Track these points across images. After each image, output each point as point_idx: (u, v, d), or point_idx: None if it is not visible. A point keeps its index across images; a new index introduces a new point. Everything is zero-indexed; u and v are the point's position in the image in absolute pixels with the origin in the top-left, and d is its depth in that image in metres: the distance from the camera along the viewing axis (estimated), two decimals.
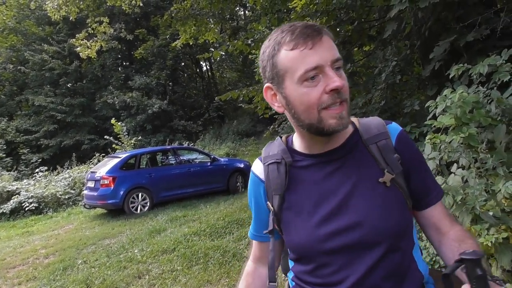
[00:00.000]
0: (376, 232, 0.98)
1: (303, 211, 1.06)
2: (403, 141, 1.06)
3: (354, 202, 1.00)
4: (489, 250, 2.44)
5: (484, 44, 3.55)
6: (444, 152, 2.83)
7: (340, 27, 5.78)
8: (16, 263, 6.31)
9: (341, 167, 1.04)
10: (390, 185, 1.00)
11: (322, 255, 1.03)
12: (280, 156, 1.10)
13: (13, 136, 20.54)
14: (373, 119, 1.09)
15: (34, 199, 11.62)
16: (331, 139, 1.03)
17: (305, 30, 0.93)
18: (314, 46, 0.91)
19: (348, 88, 0.95)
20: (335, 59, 0.93)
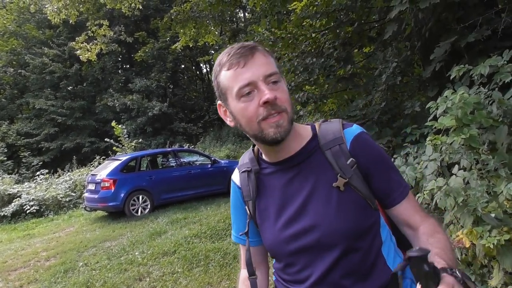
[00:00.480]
0: (330, 234, 1.04)
1: (270, 216, 1.14)
2: (358, 144, 1.08)
3: (311, 207, 1.06)
4: (491, 252, 2.43)
5: (485, 45, 3.54)
6: (445, 153, 2.82)
7: (340, 29, 5.78)
8: (17, 265, 6.30)
9: (299, 173, 1.09)
10: (345, 189, 1.04)
11: (287, 255, 1.12)
12: (249, 165, 1.19)
13: (14, 139, 20.55)
14: (332, 124, 1.13)
15: (35, 202, 11.63)
16: (283, 147, 1.08)
17: (238, 50, 1.00)
18: (246, 65, 0.99)
19: (287, 99, 1.01)
20: (268, 74, 0.99)
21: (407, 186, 1.11)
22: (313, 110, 7.15)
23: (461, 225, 2.61)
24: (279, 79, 1.01)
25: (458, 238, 2.63)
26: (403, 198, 1.09)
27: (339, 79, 5.60)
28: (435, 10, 3.89)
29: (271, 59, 1.04)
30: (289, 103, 1.02)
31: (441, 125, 2.59)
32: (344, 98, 6.48)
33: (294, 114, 1.09)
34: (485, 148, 2.60)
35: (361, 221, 1.05)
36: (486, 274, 2.78)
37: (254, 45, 1.03)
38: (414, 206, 1.11)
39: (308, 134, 1.13)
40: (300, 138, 1.11)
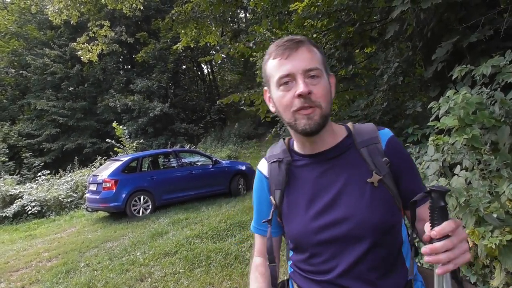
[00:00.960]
0: (361, 226, 1.08)
1: (300, 206, 1.17)
2: (392, 146, 1.15)
3: (343, 199, 1.11)
4: (493, 252, 2.42)
5: (488, 45, 3.54)
6: (447, 153, 2.82)
7: (342, 29, 5.77)
8: (19, 266, 6.31)
9: (333, 167, 1.15)
10: (378, 185, 1.10)
11: (314, 245, 1.14)
12: (281, 156, 1.23)
13: (15, 140, 20.59)
14: (367, 125, 1.20)
15: (37, 203, 11.64)
16: (318, 140, 1.14)
17: (286, 42, 1.08)
18: (289, 57, 1.06)
19: (323, 95, 1.06)
20: (307, 69, 1.05)
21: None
22: None
23: (463, 226, 2.61)
24: (320, 75, 1.07)
25: None
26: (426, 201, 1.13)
27: (341, 79, 5.59)
28: (437, 10, 3.89)
29: (316, 55, 1.09)
30: (325, 99, 1.07)
31: (443, 125, 2.59)
32: (346, 98, 6.47)
33: (330, 111, 1.11)
34: (487, 148, 2.59)
35: (389, 217, 1.10)
36: (488, 274, 2.77)
37: (302, 39, 1.09)
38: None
39: (343, 132, 1.19)
40: (335, 135, 1.17)
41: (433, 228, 0.83)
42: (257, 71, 10.51)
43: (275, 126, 7.92)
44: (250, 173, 11.01)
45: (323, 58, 1.12)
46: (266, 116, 6.56)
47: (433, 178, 2.91)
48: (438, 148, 2.91)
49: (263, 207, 1.30)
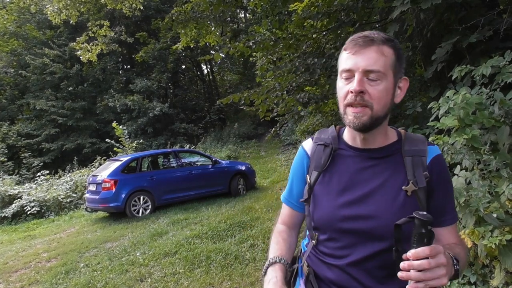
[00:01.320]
0: (386, 227, 1.11)
1: (333, 192, 1.23)
2: (436, 163, 1.18)
3: (375, 198, 1.16)
4: (492, 252, 2.43)
5: (487, 46, 3.54)
6: (447, 153, 2.82)
7: (342, 29, 5.77)
8: (18, 266, 6.30)
9: (376, 165, 1.20)
10: (411, 195, 1.14)
11: (336, 231, 1.20)
12: (329, 141, 1.29)
13: (14, 140, 20.56)
14: (418, 136, 1.24)
15: (36, 203, 11.62)
16: (369, 138, 1.19)
17: (359, 38, 1.12)
18: (356, 53, 1.11)
19: (378, 97, 1.09)
20: (368, 70, 1.09)
21: (457, 217, 1.25)
22: (314, 111, 7.15)
23: (463, 225, 2.61)
24: (381, 78, 1.09)
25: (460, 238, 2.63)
26: (452, 223, 1.22)
27: None
28: (437, 11, 3.89)
29: (384, 58, 1.10)
30: (380, 101, 1.10)
31: (443, 125, 2.60)
32: None
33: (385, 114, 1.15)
34: (487, 148, 2.60)
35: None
36: (488, 274, 2.78)
37: (375, 38, 1.11)
38: (455, 233, 1.23)
39: (394, 136, 1.24)
40: (387, 137, 1.22)
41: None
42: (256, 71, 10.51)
43: (274, 126, 7.93)
44: (250, 173, 11.02)
45: (397, 61, 1.14)
46: (266, 115, 6.56)
47: None
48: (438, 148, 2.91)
49: (297, 182, 1.36)
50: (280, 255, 1.25)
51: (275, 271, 1.18)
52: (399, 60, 1.14)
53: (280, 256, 1.24)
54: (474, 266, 2.81)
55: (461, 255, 1.11)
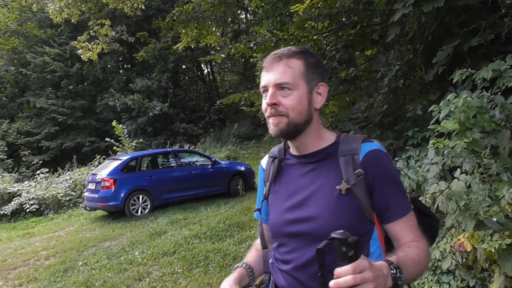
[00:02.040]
0: (322, 228, 1.14)
1: (280, 199, 1.30)
2: (369, 158, 1.19)
3: (314, 200, 1.20)
4: (492, 256, 2.43)
5: (488, 49, 3.55)
6: (447, 157, 2.83)
7: (342, 31, 5.78)
8: (17, 264, 6.30)
9: (314, 169, 1.24)
10: (346, 193, 1.16)
11: (283, 236, 1.27)
12: (277, 153, 1.37)
13: (14, 138, 20.53)
14: (356, 136, 1.27)
15: (35, 201, 11.61)
16: (299, 144, 1.26)
17: (270, 57, 1.22)
18: (268, 70, 1.21)
19: (292, 106, 1.18)
20: (277, 83, 1.18)
21: (409, 207, 1.21)
22: None
23: (463, 229, 2.62)
24: (292, 88, 1.18)
25: (460, 241, 2.63)
26: (401, 217, 1.18)
27: (341, 81, 5.59)
28: (438, 14, 3.90)
29: (292, 70, 1.19)
30: (294, 110, 1.18)
31: (443, 128, 2.60)
32: (346, 100, 6.47)
33: (304, 120, 1.21)
34: (487, 152, 2.60)
35: (351, 226, 1.12)
36: (487, 278, 2.78)
37: (282, 54, 1.21)
38: (411, 227, 1.20)
39: (331, 139, 1.27)
40: (322, 140, 1.27)
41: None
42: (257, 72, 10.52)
43: None
44: (249, 174, 11.01)
45: (307, 70, 1.21)
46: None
47: (433, 181, 2.91)
48: (438, 151, 2.92)
49: (259, 196, 1.46)
50: (245, 262, 1.38)
51: (233, 273, 1.31)
52: (310, 68, 1.21)
53: (245, 262, 1.38)
54: (473, 270, 2.81)
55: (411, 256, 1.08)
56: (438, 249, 3.04)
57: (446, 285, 3.04)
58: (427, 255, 1.16)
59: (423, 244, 1.17)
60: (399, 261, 1.02)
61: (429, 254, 1.18)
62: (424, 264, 1.14)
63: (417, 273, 1.10)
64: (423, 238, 1.20)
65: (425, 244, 1.18)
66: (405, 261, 1.04)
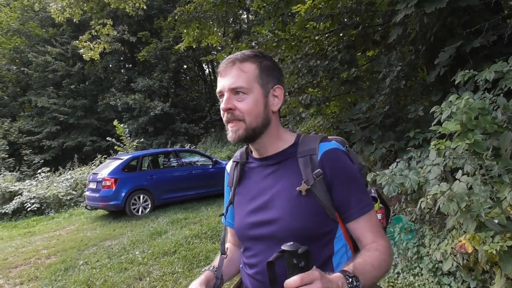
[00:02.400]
0: (284, 229, 1.15)
1: (243, 202, 1.30)
2: (327, 158, 1.18)
3: (276, 202, 1.20)
4: (493, 258, 2.43)
5: (491, 50, 3.54)
6: (449, 158, 2.82)
7: (344, 32, 5.78)
8: (18, 263, 6.31)
9: (275, 171, 1.24)
10: (306, 194, 1.15)
11: (247, 239, 1.27)
12: (239, 158, 1.38)
13: (15, 137, 20.57)
14: (313, 136, 1.26)
15: (36, 200, 11.63)
16: (259, 147, 1.26)
17: (224, 62, 1.22)
18: (222, 75, 1.21)
19: (247, 110, 1.17)
20: (232, 88, 1.17)
21: (369, 206, 1.20)
22: (315, 113, 7.15)
23: (464, 231, 2.61)
24: (247, 92, 1.17)
25: (461, 243, 2.63)
26: (360, 216, 1.17)
27: (343, 82, 5.60)
28: (440, 15, 3.89)
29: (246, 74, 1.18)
30: (250, 113, 1.17)
31: (445, 129, 2.59)
32: (347, 101, 6.47)
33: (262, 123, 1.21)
34: (489, 153, 2.60)
35: (313, 226, 1.15)
36: (488, 280, 2.77)
37: (237, 58, 1.20)
38: (371, 225, 1.18)
39: (291, 141, 1.27)
40: (282, 142, 1.26)
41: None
42: None
43: None
44: None
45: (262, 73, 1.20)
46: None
47: (434, 183, 2.91)
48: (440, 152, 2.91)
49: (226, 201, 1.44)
50: (213, 265, 1.36)
51: (201, 275, 1.30)
52: (265, 72, 1.21)
53: (212, 265, 1.36)
54: (474, 271, 2.81)
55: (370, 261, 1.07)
56: (439, 250, 3.04)
57: (447, 286, 3.04)
58: (388, 256, 1.14)
59: (383, 245, 1.15)
60: (356, 268, 1.01)
61: (391, 254, 1.16)
62: (385, 266, 1.12)
63: (377, 276, 1.09)
64: (384, 236, 1.19)
65: (385, 244, 1.16)
66: (363, 268, 1.03)
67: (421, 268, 3.37)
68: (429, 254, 3.31)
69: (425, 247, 3.43)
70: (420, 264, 3.40)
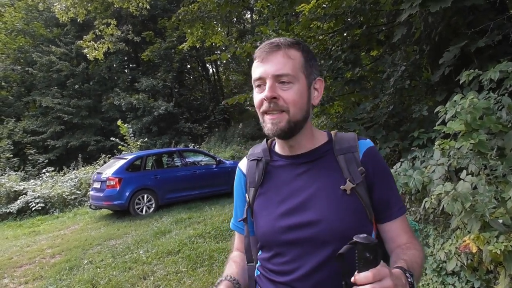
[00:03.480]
0: (329, 231, 1.08)
1: (271, 205, 1.18)
2: (369, 156, 1.15)
3: (315, 203, 1.11)
4: (497, 258, 2.42)
5: (496, 50, 3.53)
6: (453, 158, 2.82)
7: (348, 31, 5.77)
8: (23, 262, 6.34)
9: (309, 170, 1.16)
10: (351, 193, 1.10)
11: (280, 245, 1.15)
12: (261, 155, 1.26)
13: (20, 137, 20.66)
14: (349, 134, 1.21)
15: (41, 199, 11.68)
16: (295, 144, 1.17)
17: (266, 46, 1.11)
18: (264, 60, 1.10)
19: (292, 101, 1.08)
20: (277, 74, 1.07)
21: (404, 207, 1.18)
22: (319, 113, 7.15)
23: (468, 230, 2.61)
24: (293, 81, 1.08)
25: (465, 243, 2.62)
26: (399, 216, 1.15)
27: (347, 81, 5.59)
28: (445, 14, 3.88)
29: (292, 61, 1.09)
30: (296, 104, 1.09)
31: (449, 129, 2.59)
32: (351, 100, 6.47)
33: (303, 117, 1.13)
34: (493, 153, 2.59)
35: (357, 227, 1.08)
36: (492, 280, 2.77)
37: (280, 43, 1.10)
38: (406, 227, 1.16)
39: (324, 138, 1.21)
40: (315, 139, 1.19)
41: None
42: None
43: None
44: None
45: (306, 62, 1.13)
46: None
47: (438, 182, 2.91)
48: (444, 152, 2.91)
49: (240, 205, 1.34)
50: (229, 274, 1.23)
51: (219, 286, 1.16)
52: (308, 61, 1.13)
53: (229, 275, 1.22)
54: (479, 271, 2.80)
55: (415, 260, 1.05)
56: (443, 250, 3.04)
57: (451, 286, 3.03)
58: (423, 256, 1.12)
59: (419, 245, 1.13)
60: (408, 266, 0.98)
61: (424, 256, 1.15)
62: (423, 265, 1.10)
63: (420, 274, 1.07)
64: (416, 238, 1.18)
65: (420, 245, 1.14)
66: (412, 266, 1.00)
67: (425, 268, 3.36)
68: (433, 254, 3.30)
69: (429, 247, 3.43)
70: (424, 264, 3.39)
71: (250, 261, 1.26)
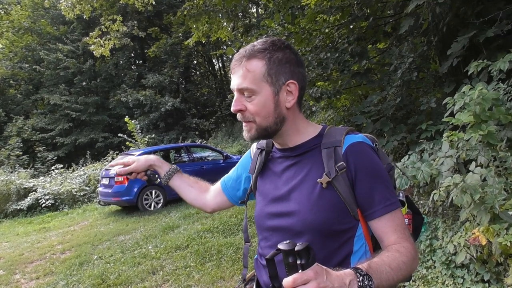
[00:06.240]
0: (302, 223, 1.13)
1: (265, 191, 1.30)
2: (351, 151, 1.13)
3: (296, 194, 1.18)
4: (507, 250, 2.40)
5: (505, 40, 3.47)
6: (462, 150, 2.79)
7: (355, 24, 5.72)
8: (33, 258, 6.42)
9: (297, 163, 1.21)
10: (327, 186, 1.12)
11: (265, 229, 1.27)
12: (265, 145, 1.35)
13: (29, 135, 20.88)
14: (340, 128, 1.22)
15: (50, 196, 11.82)
16: (280, 140, 1.24)
17: (235, 57, 1.17)
18: (232, 72, 1.18)
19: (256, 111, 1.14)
20: (239, 88, 1.15)
21: (394, 204, 1.12)
22: (326, 106, 7.11)
23: (478, 223, 2.58)
24: (253, 93, 1.13)
25: (474, 235, 2.60)
26: (384, 214, 1.10)
27: (353, 74, 5.54)
28: (453, 4, 3.83)
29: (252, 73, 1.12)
30: (259, 115, 1.14)
31: (458, 121, 2.56)
32: (358, 93, 6.42)
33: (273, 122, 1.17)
34: (503, 145, 2.56)
35: (332, 221, 1.11)
36: (502, 272, 2.75)
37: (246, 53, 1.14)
38: (395, 225, 1.11)
39: (315, 132, 1.23)
40: (303, 134, 1.22)
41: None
42: None
43: None
44: None
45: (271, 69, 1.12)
46: None
47: (447, 175, 2.88)
48: (453, 144, 2.88)
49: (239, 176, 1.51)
50: (178, 168, 1.70)
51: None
52: (274, 67, 1.13)
53: (179, 168, 1.67)
54: (488, 264, 2.78)
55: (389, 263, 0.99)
56: (452, 243, 3.02)
57: (460, 279, 3.01)
58: (409, 259, 1.04)
59: (406, 247, 1.07)
60: (371, 267, 0.93)
61: (414, 257, 1.07)
62: (405, 269, 1.02)
63: (395, 279, 0.99)
64: (409, 238, 1.11)
65: (409, 246, 1.07)
66: (378, 268, 0.95)
67: (434, 261, 3.34)
68: (442, 247, 3.28)
69: (438, 239, 3.40)
70: (433, 257, 3.37)
71: (247, 241, 1.43)
